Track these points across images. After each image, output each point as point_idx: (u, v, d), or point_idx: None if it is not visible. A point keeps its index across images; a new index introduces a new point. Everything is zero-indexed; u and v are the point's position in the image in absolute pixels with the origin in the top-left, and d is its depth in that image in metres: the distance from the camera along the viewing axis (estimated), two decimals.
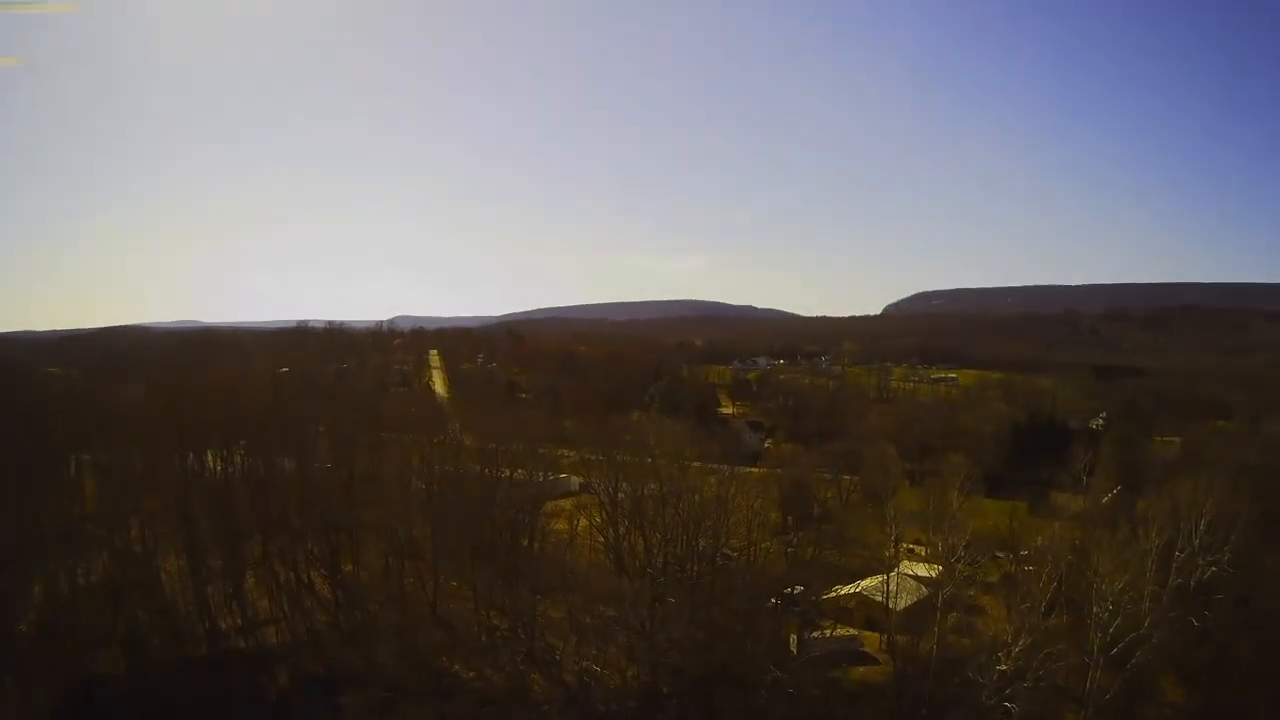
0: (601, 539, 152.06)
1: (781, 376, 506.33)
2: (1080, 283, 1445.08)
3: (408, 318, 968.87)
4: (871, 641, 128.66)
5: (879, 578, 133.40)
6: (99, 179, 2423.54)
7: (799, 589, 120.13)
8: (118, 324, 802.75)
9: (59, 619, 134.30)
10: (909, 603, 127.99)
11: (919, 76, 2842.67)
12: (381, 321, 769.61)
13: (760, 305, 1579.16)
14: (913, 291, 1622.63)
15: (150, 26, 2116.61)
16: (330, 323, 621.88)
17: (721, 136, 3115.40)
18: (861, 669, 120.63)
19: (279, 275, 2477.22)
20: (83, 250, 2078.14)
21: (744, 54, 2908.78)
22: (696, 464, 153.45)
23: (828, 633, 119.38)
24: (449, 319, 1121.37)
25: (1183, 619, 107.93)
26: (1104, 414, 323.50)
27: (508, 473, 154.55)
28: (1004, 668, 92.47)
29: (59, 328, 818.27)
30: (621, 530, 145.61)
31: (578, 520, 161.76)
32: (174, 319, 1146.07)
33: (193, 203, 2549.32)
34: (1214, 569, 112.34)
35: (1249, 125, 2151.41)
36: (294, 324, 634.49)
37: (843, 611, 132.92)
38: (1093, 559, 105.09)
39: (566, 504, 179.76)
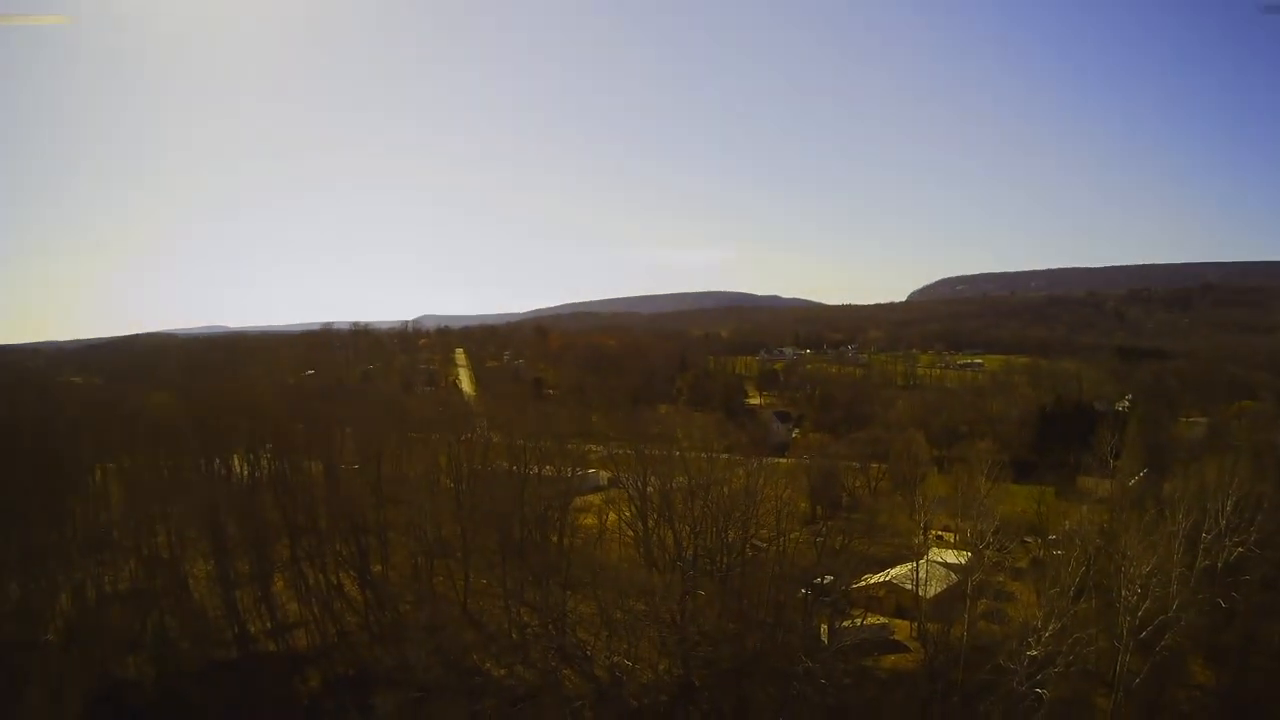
0: (631, 533, 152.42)
1: (808, 366, 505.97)
2: (1103, 265, 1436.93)
3: (433, 317, 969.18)
4: (902, 629, 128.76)
5: (908, 566, 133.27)
6: (119, 187, 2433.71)
7: (829, 578, 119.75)
8: (141, 331, 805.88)
9: (87, 626, 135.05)
10: (938, 590, 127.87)
11: (940, 63, 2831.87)
12: (407, 321, 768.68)
13: (785, 295, 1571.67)
14: (937, 277, 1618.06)
15: (166, 26, 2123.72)
16: (355, 324, 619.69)
17: (744, 127, 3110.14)
18: (893, 657, 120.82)
19: (303, 278, 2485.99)
20: (104, 259, 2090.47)
21: (765, 43, 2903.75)
22: (725, 456, 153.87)
23: (858, 621, 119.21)
24: (474, 317, 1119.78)
25: (1211, 601, 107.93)
26: (1129, 396, 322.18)
27: (536, 469, 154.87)
28: (1034, 653, 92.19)
29: (82, 337, 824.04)
30: (651, 524, 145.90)
31: (607, 515, 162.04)
32: (198, 324, 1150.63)
33: (214, 208, 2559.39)
34: (1241, 550, 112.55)
35: (1267, 104, 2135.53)
36: (319, 326, 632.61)
37: (873, 600, 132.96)
38: (1121, 542, 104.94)
39: (595, 499, 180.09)
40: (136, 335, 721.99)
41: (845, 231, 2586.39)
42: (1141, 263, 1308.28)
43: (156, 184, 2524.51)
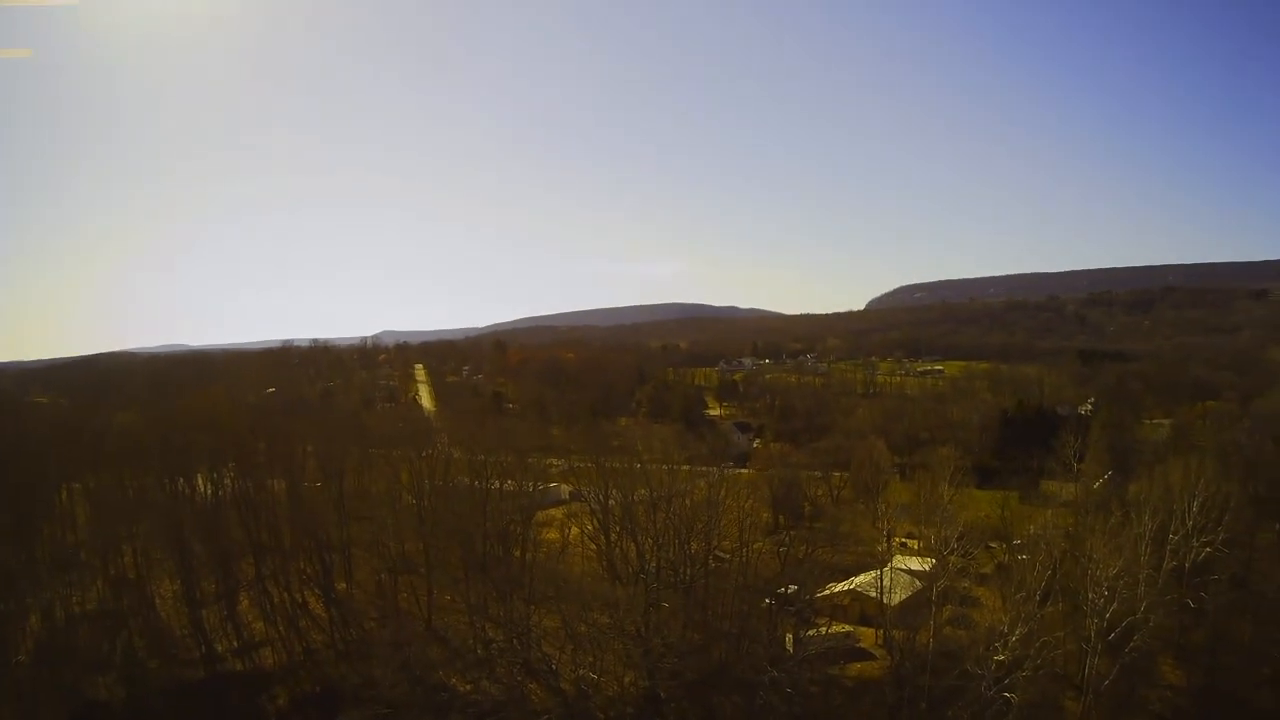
0: (593, 546, 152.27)
1: (767, 376, 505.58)
2: (1062, 269, 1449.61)
3: (392, 333, 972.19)
4: (867, 637, 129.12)
5: (872, 573, 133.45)
6: (81, 208, 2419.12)
7: (793, 588, 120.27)
8: (105, 350, 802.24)
9: (56, 647, 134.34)
10: (903, 597, 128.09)
11: (895, 70, 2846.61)
12: (366, 338, 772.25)
13: (743, 305, 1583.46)
14: (895, 285, 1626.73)
15: (124, 50, 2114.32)
16: (315, 341, 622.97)
17: (697, 138, 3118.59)
18: (859, 665, 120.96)
19: (264, 295, 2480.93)
20: (67, 277, 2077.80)
21: (718, 53, 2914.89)
22: (686, 467, 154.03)
23: (823, 630, 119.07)
24: (433, 332, 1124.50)
25: (1179, 601, 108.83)
26: (1092, 399, 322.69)
27: (497, 484, 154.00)
28: (1001, 658, 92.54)
29: (46, 356, 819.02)
30: (613, 537, 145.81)
31: (569, 529, 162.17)
32: (160, 343, 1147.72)
33: (175, 226, 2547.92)
34: (1208, 550, 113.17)
35: (1228, 106, 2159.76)
36: (279, 343, 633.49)
37: (837, 608, 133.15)
38: (1086, 545, 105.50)
39: (557, 513, 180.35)
40: (100, 354, 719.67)
41: (802, 241, 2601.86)
42: (1102, 266, 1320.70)
43: (118, 205, 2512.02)
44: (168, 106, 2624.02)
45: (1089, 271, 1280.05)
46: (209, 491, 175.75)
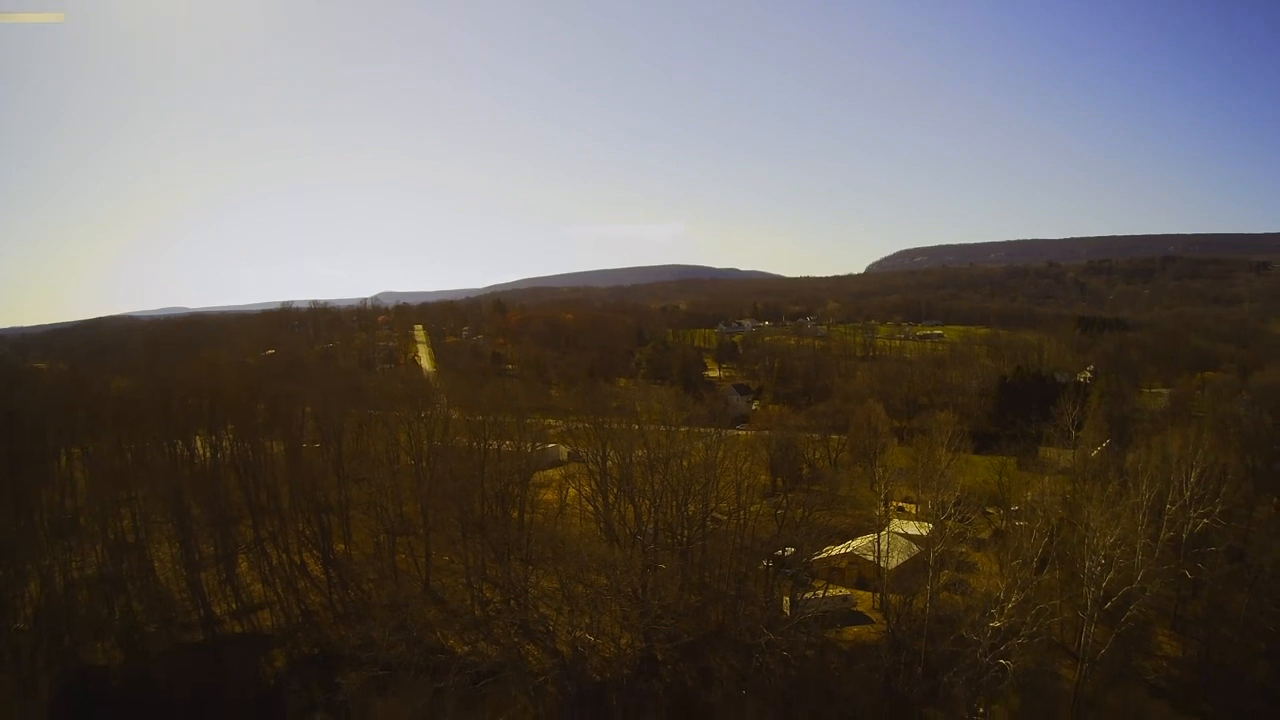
0: (591, 508, 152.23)
1: (767, 338, 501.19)
2: (1063, 236, 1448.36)
3: (392, 294, 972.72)
4: (864, 601, 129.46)
5: (870, 537, 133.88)
6: (80, 171, 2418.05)
7: (790, 550, 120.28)
8: (104, 315, 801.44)
9: (55, 613, 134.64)
10: (900, 561, 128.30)
11: (897, 31, 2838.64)
12: (366, 299, 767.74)
13: (743, 267, 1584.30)
14: (895, 249, 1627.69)
15: (129, 18, 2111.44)
16: (315, 303, 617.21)
17: (698, 100, 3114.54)
18: (855, 629, 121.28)
19: (263, 258, 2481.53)
20: (66, 242, 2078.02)
21: (718, 17, 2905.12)
22: (684, 429, 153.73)
23: (820, 593, 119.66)
24: (433, 293, 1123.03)
25: (1176, 572, 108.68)
26: (1091, 367, 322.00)
27: (496, 445, 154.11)
28: (997, 624, 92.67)
29: (46, 322, 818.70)
30: (611, 498, 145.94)
31: (567, 490, 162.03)
32: (159, 306, 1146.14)
33: (174, 189, 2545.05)
34: (1206, 521, 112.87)
35: (1232, 78, 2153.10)
36: (279, 305, 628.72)
37: (834, 571, 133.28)
38: (1084, 513, 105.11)
39: (555, 474, 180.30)
40: (100, 319, 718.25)
41: (802, 204, 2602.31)
42: (1102, 234, 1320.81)
43: (118, 170, 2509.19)
44: (168, 73, 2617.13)
45: (1089, 239, 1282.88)
46: (208, 454, 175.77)
